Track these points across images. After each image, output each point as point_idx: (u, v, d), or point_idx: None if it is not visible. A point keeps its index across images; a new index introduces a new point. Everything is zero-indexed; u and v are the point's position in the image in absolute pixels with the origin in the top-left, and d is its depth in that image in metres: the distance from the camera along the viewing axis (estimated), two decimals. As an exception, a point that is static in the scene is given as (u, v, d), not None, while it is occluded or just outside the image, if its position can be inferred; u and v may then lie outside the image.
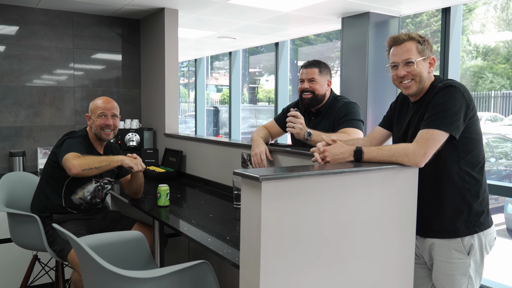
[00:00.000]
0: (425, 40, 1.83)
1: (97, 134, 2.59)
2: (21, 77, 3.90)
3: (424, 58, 1.82)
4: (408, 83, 1.83)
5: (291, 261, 1.43)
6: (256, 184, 1.37)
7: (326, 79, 2.49)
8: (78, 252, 1.71)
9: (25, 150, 3.87)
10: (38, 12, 3.94)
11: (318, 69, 2.47)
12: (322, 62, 2.53)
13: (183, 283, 1.60)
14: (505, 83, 6.92)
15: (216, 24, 4.84)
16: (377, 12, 4.10)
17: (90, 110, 2.61)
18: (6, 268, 3.20)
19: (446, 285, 1.82)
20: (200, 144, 3.36)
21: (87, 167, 2.31)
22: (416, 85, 1.83)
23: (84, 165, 2.30)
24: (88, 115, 2.62)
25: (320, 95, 2.47)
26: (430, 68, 1.85)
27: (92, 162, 2.34)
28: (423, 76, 1.82)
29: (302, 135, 2.18)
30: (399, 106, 2.00)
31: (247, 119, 9.60)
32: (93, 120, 2.59)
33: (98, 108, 2.59)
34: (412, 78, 1.82)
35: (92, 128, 2.60)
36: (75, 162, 2.28)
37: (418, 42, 1.82)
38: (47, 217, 2.49)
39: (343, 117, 2.41)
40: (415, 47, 1.82)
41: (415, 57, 1.81)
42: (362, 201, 1.60)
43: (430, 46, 1.85)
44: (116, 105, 2.64)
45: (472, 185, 1.79)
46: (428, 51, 1.84)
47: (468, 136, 1.76)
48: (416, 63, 1.80)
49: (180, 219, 2.31)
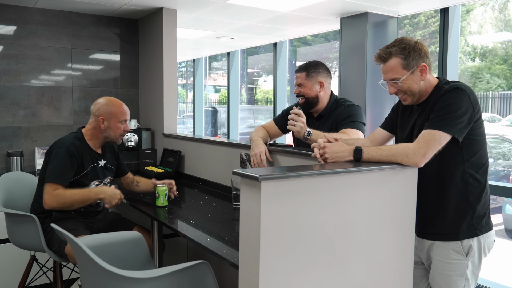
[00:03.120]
0: (410, 51, 1.77)
1: (112, 139, 2.54)
2: (19, 77, 3.89)
3: (411, 71, 1.78)
4: (402, 96, 1.85)
5: (290, 261, 1.43)
6: (256, 184, 1.36)
7: (317, 80, 2.48)
8: (77, 252, 1.70)
9: (22, 150, 3.85)
10: (36, 12, 3.93)
11: (305, 73, 2.48)
12: (313, 63, 2.50)
13: (182, 283, 1.59)
14: (502, 83, 6.94)
15: (215, 24, 4.83)
16: (375, 12, 4.10)
17: (109, 114, 2.49)
18: (3, 269, 3.18)
19: (443, 286, 1.82)
20: (199, 144, 3.35)
21: (58, 207, 2.34)
22: (410, 98, 1.84)
23: (56, 205, 2.33)
24: (103, 118, 2.49)
25: (311, 97, 2.49)
26: (422, 76, 1.80)
27: (65, 201, 2.33)
28: (413, 89, 1.81)
29: (302, 133, 2.19)
30: (402, 109, 1.99)
31: (245, 120, 9.60)
32: (110, 123, 2.50)
33: (121, 114, 2.51)
34: (404, 92, 1.83)
35: (104, 132, 2.51)
36: (49, 201, 2.31)
37: (401, 57, 1.77)
38: (46, 217, 2.47)
39: (344, 119, 2.41)
40: (398, 64, 1.78)
41: (400, 75, 1.78)
42: (362, 201, 1.60)
43: (418, 52, 1.78)
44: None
45: (475, 187, 1.79)
46: (415, 61, 1.78)
47: (473, 138, 1.76)
48: (402, 81, 1.79)
49: (179, 220, 2.30)
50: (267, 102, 10.92)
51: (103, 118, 2.50)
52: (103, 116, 2.49)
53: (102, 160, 2.59)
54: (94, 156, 2.55)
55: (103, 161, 2.59)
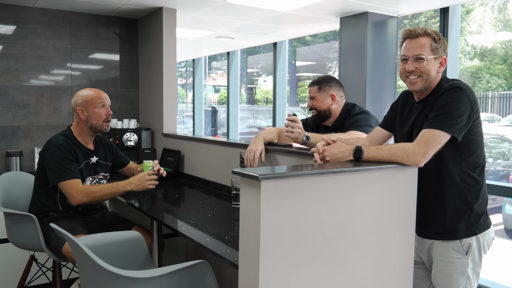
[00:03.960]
0: (441, 38, 1.80)
1: (97, 127, 2.51)
2: (18, 77, 3.88)
3: (436, 56, 1.78)
4: (415, 79, 1.79)
5: (290, 261, 1.42)
6: (255, 184, 1.36)
7: (329, 94, 2.54)
8: (76, 252, 1.70)
9: (22, 150, 3.85)
10: (36, 11, 3.92)
11: (317, 86, 2.56)
12: (325, 78, 2.58)
13: (181, 283, 1.59)
14: (502, 83, 6.94)
15: (214, 24, 4.83)
16: (375, 12, 4.10)
17: (85, 102, 2.47)
18: (2, 269, 3.18)
19: (445, 285, 1.82)
20: (198, 144, 3.35)
21: (88, 201, 2.38)
22: (422, 83, 1.79)
23: (86, 199, 2.36)
24: (81, 109, 2.47)
25: (322, 110, 2.56)
26: (440, 68, 1.81)
27: (95, 195, 2.37)
28: (431, 75, 1.78)
29: (300, 139, 2.18)
30: (401, 106, 1.98)
31: (245, 120, 9.60)
32: (89, 112, 2.47)
33: (96, 98, 2.49)
34: (420, 74, 1.78)
35: (87, 122, 2.49)
36: (80, 197, 2.34)
37: (433, 39, 1.78)
38: (44, 217, 2.47)
39: (352, 123, 2.45)
40: (429, 43, 1.78)
41: (426, 54, 1.77)
42: (362, 201, 1.59)
43: (444, 45, 1.81)
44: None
45: (472, 187, 1.79)
46: (441, 51, 1.80)
47: (471, 138, 1.75)
48: (426, 60, 1.77)
49: (178, 219, 2.30)
50: (267, 102, 10.92)
51: (81, 108, 2.48)
52: (80, 107, 2.48)
53: (94, 156, 2.58)
54: (86, 153, 2.53)
55: (95, 158, 2.58)
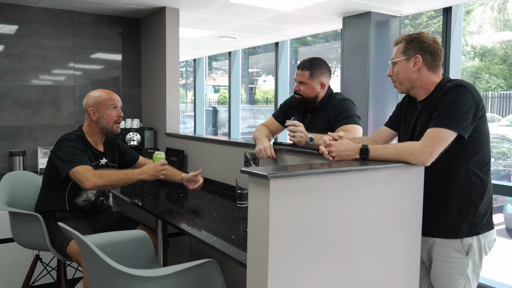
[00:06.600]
0: (413, 40, 1.80)
1: (107, 128, 2.50)
2: (21, 76, 3.89)
3: (406, 58, 1.80)
4: (395, 84, 1.87)
5: (298, 260, 1.43)
6: (264, 182, 1.36)
7: (319, 81, 2.48)
8: (84, 251, 1.70)
9: (25, 150, 3.85)
10: (38, 11, 3.92)
11: (309, 72, 2.47)
12: (317, 62, 2.48)
13: (189, 282, 1.59)
14: (501, 83, 6.95)
15: (217, 24, 4.84)
16: (378, 12, 4.11)
17: (96, 103, 2.47)
18: (7, 268, 3.18)
19: (444, 284, 1.82)
20: (202, 144, 3.35)
21: (103, 184, 2.29)
22: (399, 86, 1.86)
23: (101, 182, 2.27)
24: (92, 109, 2.47)
25: (309, 97, 2.50)
26: (414, 67, 1.80)
27: (110, 178, 2.31)
28: (400, 76, 1.83)
29: (304, 141, 2.17)
30: (406, 106, 1.99)
31: (245, 120, 9.60)
32: (101, 113, 2.47)
33: (108, 99, 2.48)
34: (395, 80, 1.86)
35: (98, 123, 2.49)
36: (94, 179, 2.25)
37: (406, 42, 1.82)
38: (50, 216, 2.47)
39: (339, 115, 2.41)
40: (400, 48, 1.84)
41: (396, 58, 1.84)
42: (369, 199, 1.60)
43: (421, 45, 1.79)
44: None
45: (478, 186, 1.78)
46: (413, 50, 1.80)
47: (477, 136, 1.75)
48: (397, 64, 1.82)
49: (183, 219, 2.30)
50: (267, 102, 10.92)
51: (92, 109, 2.48)
52: (92, 107, 2.48)
53: (104, 158, 2.58)
54: (96, 154, 2.54)
55: (104, 160, 2.58)
